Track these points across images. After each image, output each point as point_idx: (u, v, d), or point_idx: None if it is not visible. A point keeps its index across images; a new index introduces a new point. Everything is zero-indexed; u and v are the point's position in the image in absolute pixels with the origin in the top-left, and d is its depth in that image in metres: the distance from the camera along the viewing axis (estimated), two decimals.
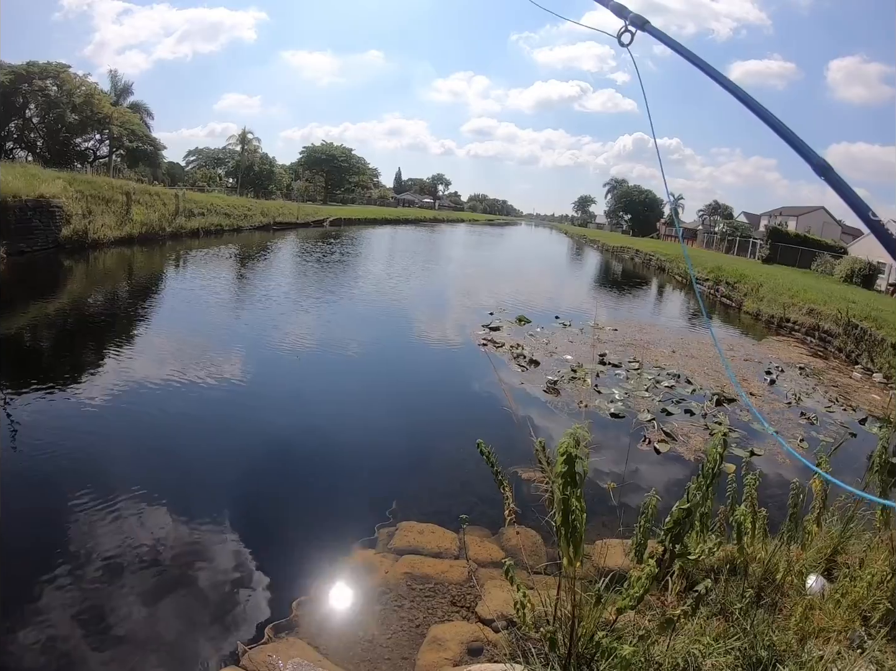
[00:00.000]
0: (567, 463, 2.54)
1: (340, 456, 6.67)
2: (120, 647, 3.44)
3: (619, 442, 7.66)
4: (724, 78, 0.68)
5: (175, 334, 11.02)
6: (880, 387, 12.66)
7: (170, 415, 7.08)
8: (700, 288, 26.69)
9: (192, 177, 62.77)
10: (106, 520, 4.68)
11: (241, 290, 17.21)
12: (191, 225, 29.04)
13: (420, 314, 15.82)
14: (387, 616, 3.79)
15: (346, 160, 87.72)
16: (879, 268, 32.26)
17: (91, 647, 3.41)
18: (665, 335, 15.37)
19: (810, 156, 0.61)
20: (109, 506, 4.86)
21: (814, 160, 0.61)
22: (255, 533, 4.82)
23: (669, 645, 2.71)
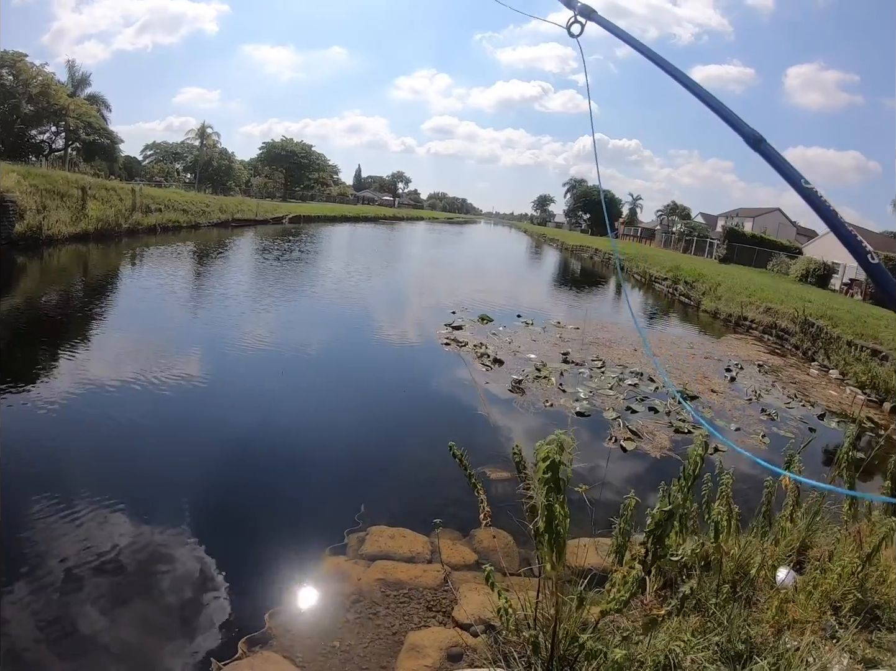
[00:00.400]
0: (551, 469, 2.52)
1: (305, 460, 6.51)
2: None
3: (585, 440, 7.70)
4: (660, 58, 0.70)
5: (132, 334, 10.68)
6: (836, 383, 13.08)
7: (127, 420, 6.80)
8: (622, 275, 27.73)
9: (150, 171, 61.32)
10: (62, 531, 4.46)
11: (200, 288, 16.81)
12: (148, 221, 28.25)
13: (382, 313, 15.70)
14: (362, 624, 3.71)
15: (307, 156, 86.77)
16: (834, 268, 33.54)
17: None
18: (626, 333, 15.56)
19: (742, 128, 0.61)
20: (66, 516, 4.64)
21: (746, 131, 0.61)
22: (220, 542, 4.66)
23: (651, 643, 2.71)
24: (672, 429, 8.28)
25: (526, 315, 16.12)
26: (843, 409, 10.72)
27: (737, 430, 8.56)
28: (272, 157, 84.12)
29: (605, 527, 4.60)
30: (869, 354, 13.59)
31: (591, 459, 6.95)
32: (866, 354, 13.59)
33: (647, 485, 5.83)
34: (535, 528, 2.70)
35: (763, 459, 5.74)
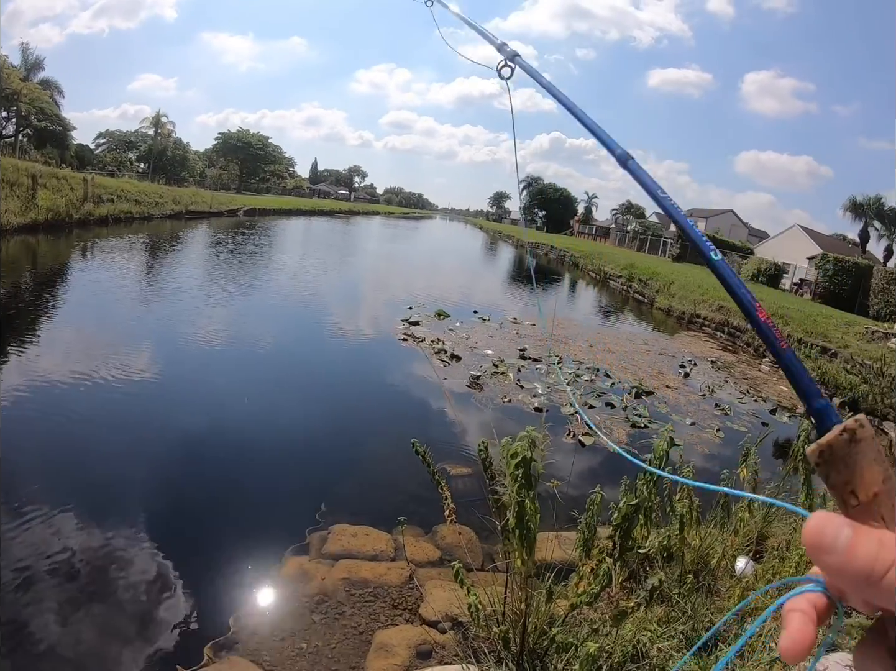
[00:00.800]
0: (522, 465, 2.52)
1: (263, 458, 6.32)
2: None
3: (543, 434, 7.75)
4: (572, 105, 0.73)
5: (83, 329, 10.27)
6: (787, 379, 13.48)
7: (77, 419, 6.54)
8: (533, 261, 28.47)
9: (102, 160, 59.39)
10: (7, 534, 4.24)
11: (153, 282, 16.30)
12: (99, 212, 27.20)
13: (338, 308, 15.51)
14: (329, 625, 3.65)
15: (262, 148, 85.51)
16: (784, 268, 34.77)
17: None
18: (582, 330, 15.76)
19: (613, 147, 0.65)
20: (11, 519, 4.41)
21: (617, 152, 0.64)
22: (177, 545, 4.52)
23: (619, 634, 2.75)
24: (629, 424, 8.43)
25: (482, 311, 16.06)
26: (794, 405, 11.10)
27: (692, 425, 8.77)
28: (228, 148, 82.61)
29: (566, 522, 4.66)
30: (818, 351, 14.15)
31: (550, 454, 7.01)
32: (816, 351, 14.15)
33: (605, 479, 5.91)
34: (505, 524, 2.71)
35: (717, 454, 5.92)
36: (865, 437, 0.37)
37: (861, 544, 0.35)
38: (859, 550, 0.35)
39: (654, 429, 8.26)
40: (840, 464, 0.37)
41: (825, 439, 0.38)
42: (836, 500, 0.39)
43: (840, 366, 12.88)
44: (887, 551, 0.35)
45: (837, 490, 0.38)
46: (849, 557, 0.35)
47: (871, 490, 0.36)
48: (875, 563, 0.35)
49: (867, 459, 0.37)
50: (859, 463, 0.37)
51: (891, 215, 41.35)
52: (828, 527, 0.37)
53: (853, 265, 28.55)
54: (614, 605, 2.78)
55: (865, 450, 0.37)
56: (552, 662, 2.56)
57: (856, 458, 0.37)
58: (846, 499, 0.38)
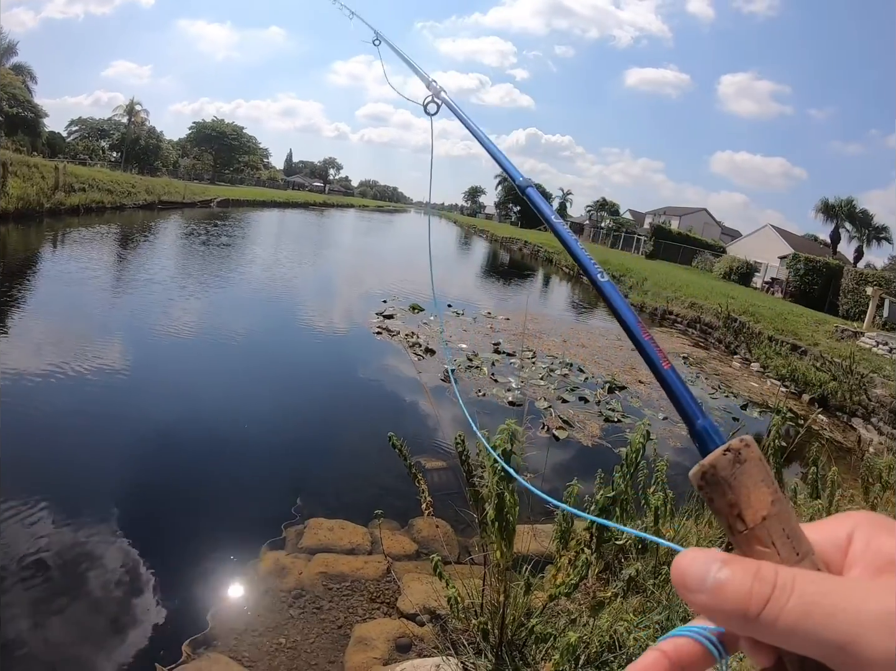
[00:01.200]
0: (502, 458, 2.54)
1: (238, 453, 6.28)
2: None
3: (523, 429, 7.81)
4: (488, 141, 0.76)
5: (53, 322, 10.02)
6: (758, 375, 13.87)
7: (48, 413, 6.39)
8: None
9: (74, 149, 57.99)
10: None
11: (125, 273, 15.98)
12: (71, 201, 26.60)
13: (313, 300, 15.42)
14: (307, 619, 3.65)
15: (237, 138, 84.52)
16: (756, 266, 35.44)
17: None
18: (555, 325, 15.87)
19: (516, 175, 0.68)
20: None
21: (518, 179, 0.68)
22: (152, 541, 4.46)
23: (596, 624, 2.79)
24: (602, 419, 8.53)
25: (456, 305, 16.04)
26: (765, 400, 11.35)
27: (664, 419, 8.89)
28: (202, 137, 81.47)
29: (542, 515, 4.71)
30: (789, 349, 14.47)
31: (525, 448, 7.07)
32: (786, 349, 14.47)
33: (580, 472, 5.94)
34: (484, 517, 2.73)
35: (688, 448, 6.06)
36: (751, 458, 0.35)
37: (732, 580, 0.32)
38: (729, 587, 0.32)
39: (627, 423, 8.38)
40: (724, 485, 0.35)
41: (708, 459, 0.35)
42: (722, 525, 0.36)
43: (810, 364, 13.19)
44: (763, 584, 0.32)
45: (723, 514, 0.35)
46: (718, 595, 0.32)
47: (758, 514, 0.34)
48: (749, 599, 0.32)
49: (753, 481, 0.34)
50: (745, 484, 0.34)
51: (862, 217, 42.30)
52: (694, 565, 0.34)
53: (824, 265, 29.15)
54: (591, 596, 2.83)
55: (752, 470, 0.35)
56: (531, 653, 2.59)
57: (741, 479, 0.34)
58: (732, 523, 0.35)
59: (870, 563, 0.33)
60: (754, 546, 0.34)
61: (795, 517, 0.35)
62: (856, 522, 0.36)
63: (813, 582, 0.32)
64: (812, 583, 0.32)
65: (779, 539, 0.34)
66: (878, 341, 15.14)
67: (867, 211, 43.03)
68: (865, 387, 11.26)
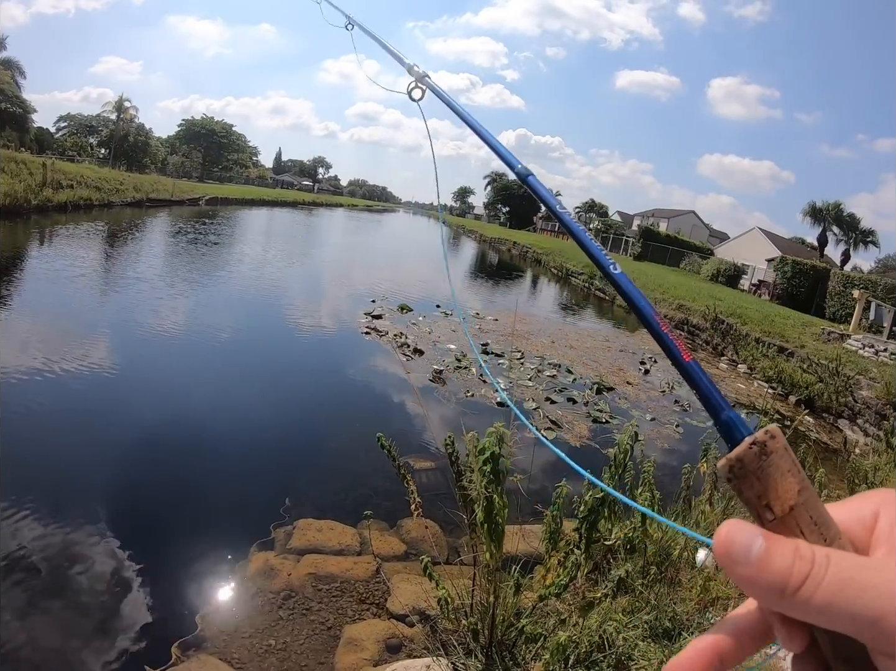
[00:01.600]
0: (490, 461, 2.55)
1: (226, 453, 6.25)
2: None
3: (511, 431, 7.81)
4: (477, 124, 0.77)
5: (39, 320, 9.91)
6: (745, 377, 14.00)
7: (34, 413, 6.32)
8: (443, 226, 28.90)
9: (62, 145, 57.32)
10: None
11: (112, 272, 15.87)
12: (59, 198, 26.35)
13: (301, 300, 15.36)
14: (297, 620, 3.64)
15: (227, 136, 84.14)
16: (743, 269, 35.69)
17: None
18: (544, 326, 15.90)
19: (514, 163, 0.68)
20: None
21: (517, 167, 0.68)
22: (141, 542, 4.42)
23: (585, 624, 2.81)
24: (590, 419, 8.56)
25: (445, 306, 16.02)
26: (752, 402, 11.45)
27: (652, 420, 8.95)
28: (191, 135, 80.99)
29: (530, 515, 4.72)
30: (776, 351, 14.58)
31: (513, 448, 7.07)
32: (773, 351, 14.58)
33: (568, 472, 5.99)
34: (473, 518, 2.74)
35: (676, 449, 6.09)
36: (777, 449, 0.36)
37: (775, 554, 0.33)
38: (773, 561, 0.33)
39: (615, 424, 8.41)
40: (752, 477, 0.35)
41: (735, 453, 0.36)
42: (751, 516, 0.37)
43: (797, 366, 13.31)
44: (803, 562, 0.33)
45: (752, 505, 0.36)
46: (761, 568, 0.33)
47: (786, 503, 0.35)
48: (790, 575, 0.33)
49: (780, 471, 0.35)
50: (772, 475, 0.35)
51: (849, 221, 42.60)
52: (740, 537, 0.34)
53: (811, 268, 29.38)
54: (580, 597, 2.84)
55: (778, 462, 0.35)
56: (521, 653, 2.60)
57: (768, 471, 0.35)
58: (761, 513, 0.36)
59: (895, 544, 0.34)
60: (784, 534, 0.35)
61: (821, 504, 0.36)
62: (881, 500, 0.37)
63: (846, 559, 0.33)
64: (846, 561, 0.33)
65: (807, 527, 0.35)
66: (864, 344, 15.29)
67: (854, 214, 43.34)
68: (851, 389, 11.37)
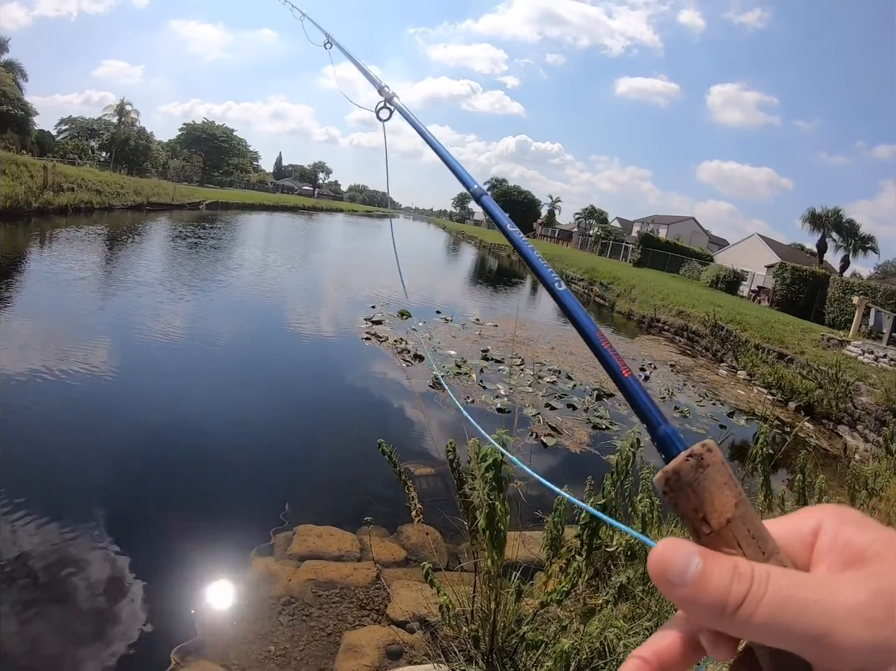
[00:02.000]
0: (493, 468, 2.55)
1: (226, 458, 6.24)
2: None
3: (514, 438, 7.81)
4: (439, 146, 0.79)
5: (39, 323, 9.89)
6: (744, 383, 13.99)
7: (32, 416, 6.29)
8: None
9: (63, 148, 57.57)
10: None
11: (113, 275, 15.86)
12: (59, 201, 26.40)
13: (302, 305, 15.38)
14: (296, 626, 3.63)
15: (227, 141, 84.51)
16: (743, 275, 35.74)
17: None
18: (544, 332, 15.89)
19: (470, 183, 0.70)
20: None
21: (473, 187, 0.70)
22: (139, 547, 4.40)
23: (586, 631, 2.80)
24: (590, 426, 8.55)
25: (445, 311, 16.02)
26: (752, 408, 11.44)
27: None
28: (192, 139, 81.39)
29: (530, 521, 4.72)
30: (775, 357, 14.59)
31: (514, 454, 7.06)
32: (772, 357, 14.59)
33: (567, 479, 5.97)
34: (474, 525, 2.74)
35: None
36: (714, 462, 0.36)
37: (713, 573, 0.32)
38: (711, 581, 0.32)
39: (614, 430, 8.41)
40: (688, 490, 0.35)
41: (671, 465, 0.36)
42: (687, 529, 0.37)
43: (796, 372, 13.31)
44: (742, 580, 0.32)
45: (688, 518, 0.36)
46: (698, 589, 0.32)
47: (723, 516, 0.35)
48: (728, 594, 0.32)
49: (716, 484, 0.35)
50: (708, 488, 0.35)
51: (848, 227, 42.72)
52: (675, 556, 0.33)
53: (810, 274, 29.41)
54: (581, 603, 2.83)
55: (714, 475, 0.35)
56: (521, 660, 2.60)
57: (704, 484, 0.35)
58: (698, 527, 0.36)
59: (836, 558, 0.34)
60: (720, 548, 0.35)
61: (759, 518, 0.36)
62: (822, 516, 0.36)
63: (786, 576, 0.32)
64: (786, 578, 0.32)
65: (744, 540, 0.35)
66: (863, 350, 15.30)
67: (854, 221, 43.53)
68: (851, 395, 11.37)
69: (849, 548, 0.34)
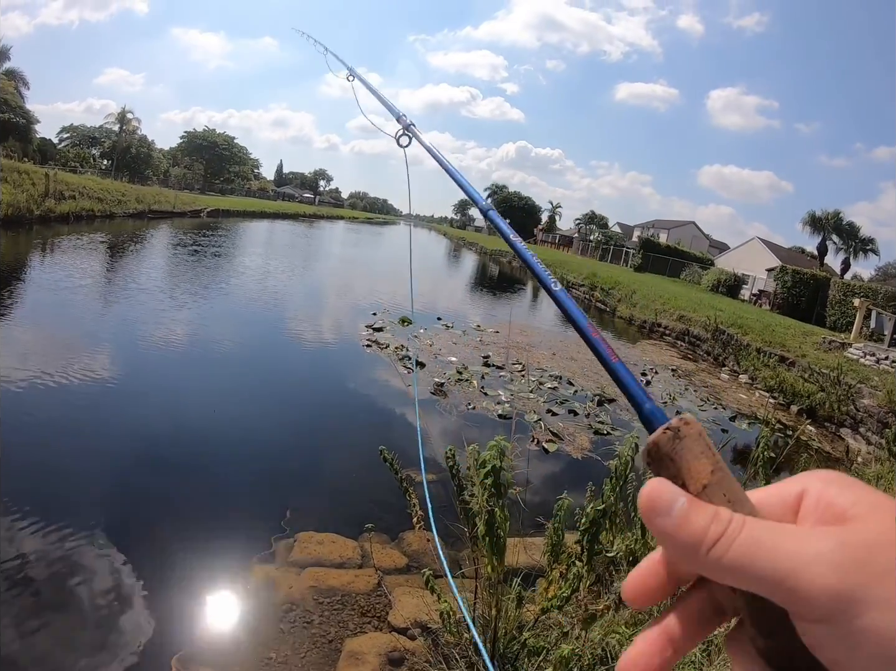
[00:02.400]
0: (492, 474, 2.55)
1: (226, 465, 6.24)
2: None
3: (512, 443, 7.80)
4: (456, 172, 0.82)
5: (41, 330, 9.92)
6: (746, 387, 13.96)
7: (33, 422, 6.31)
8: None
9: (65, 156, 57.75)
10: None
11: (114, 283, 15.91)
12: (61, 209, 26.54)
13: (303, 312, 15.41)
14: (298, 633, 3.62)
15: (228, 148, 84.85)
16: (744, 279, 35.74)
17: None
18: (545, 338, 15.89)
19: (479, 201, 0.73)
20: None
21: (481, 204, 0.73)
22: (140, 554, 4.39)
23: (587, 637, 2.80)
24: (591, 431, 8.54)
25: (446, 318, 15.99)
26: (753, 412, 11.42)
27: None
28: (193, 147, 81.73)
29: (531, 527, 4.71)
30: (777, 361, 14.57)
31: (515, 461, 7.07)
32: (774, 360, 14.57)
33: (569, 484, 5.96)
34: (475, 532, 2.74)
35: None
36: (690, 434, 0.38)
37: (695, 513, 0.35)
38: (692, 519, 0.35)
39: (616, 435, 8.39)
40: (666, 459, 0.38)
41: (651, 438, 0.39)
42: None
43: (798, 375, 13.29)
44: (719, 523, 0.35)
45: None
46: (680, 524, 0.35)
47: (699, 482, 0.37)
48: (705, 533, 0.34)
49: (693, 454, 0.38)
50: (685, 457, 0.37)
51: (848, 229, 42.70)
52: (666, 492, 0.37)
53: (811, 277, 29.40)
54: (583, 609, 2.83)
55: (691, 445, 0.38)
56: (523, 666, 2.59)
57: (681, 453, 0.38)
58: None
59: (819, 518, 0.35)
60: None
61: (737, 483, 0.38)
62: (808, 480, 0.37)
63: (761, 524, 0.35)
64: (760, 524, 0.34)
65: (721, 504, 0.37)
66: (865, 352, 15.28)
67: (854, 223, 43.53)
68: (853, 398, 11.36)
69: (831, 508, 0.35)
